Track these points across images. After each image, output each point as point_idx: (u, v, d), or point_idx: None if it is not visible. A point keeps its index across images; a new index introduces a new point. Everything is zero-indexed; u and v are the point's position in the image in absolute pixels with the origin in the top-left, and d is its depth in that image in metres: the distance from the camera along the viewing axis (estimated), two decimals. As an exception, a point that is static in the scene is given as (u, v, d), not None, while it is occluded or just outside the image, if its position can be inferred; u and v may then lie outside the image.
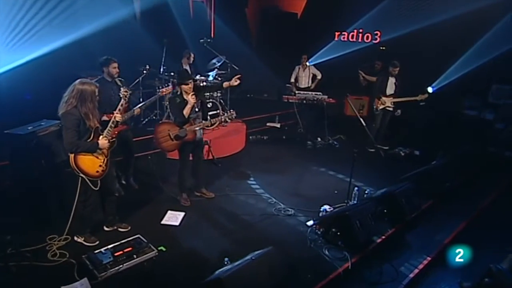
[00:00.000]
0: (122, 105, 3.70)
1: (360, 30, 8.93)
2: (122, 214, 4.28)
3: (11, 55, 5.95)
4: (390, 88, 7.01)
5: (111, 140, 3.60)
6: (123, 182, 5.09)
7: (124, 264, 3.40)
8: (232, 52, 9.25)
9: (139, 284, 3.27)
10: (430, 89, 8.04)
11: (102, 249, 3.57)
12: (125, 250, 3.55)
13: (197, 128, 4.49)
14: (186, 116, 4.30)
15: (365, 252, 3.95)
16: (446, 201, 5.30)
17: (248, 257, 3.12)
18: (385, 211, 4.54)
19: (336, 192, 5.26)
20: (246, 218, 4.52)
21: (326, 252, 3.85)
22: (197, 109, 4.51)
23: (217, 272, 2.97)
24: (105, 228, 4.01)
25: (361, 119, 6.41)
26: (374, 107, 6.98)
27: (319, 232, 4.14)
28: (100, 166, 3.52)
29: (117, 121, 3.62)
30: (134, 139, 5.20)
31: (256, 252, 3.13)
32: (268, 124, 8.30)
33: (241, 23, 10.05)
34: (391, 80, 6.96)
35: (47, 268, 3.38)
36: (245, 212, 4.65)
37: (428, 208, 5.07)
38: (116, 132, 4.50)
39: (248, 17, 10.13)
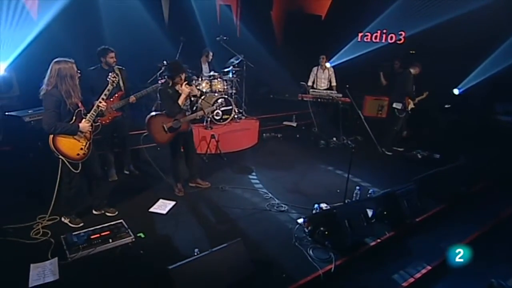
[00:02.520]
0: (108, 90, 3.52)
1: (384, 31, 8.22)
2: (115, 200, 4.13)
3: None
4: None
5: (94, 125, 3.43)
6: (126, 172, 4.96)
7: (97, 248, 3.19)
8: (257, 54, 9.00)
9: (104, 267, 3.03)
10: (456, 91, 7.20)
11: (82, 231, 3.41)
12: (102, 234, 3.35)
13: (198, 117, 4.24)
14: (182, 106, 4.06)
15: (354, 255, 3.42)
16: (460, 207, 4.57)
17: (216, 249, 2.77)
18: (385, 212, 3.96)
19: (338, 191, 4.71)
20: (235, 211, 4.15)
21: (310, 252, 3.38)
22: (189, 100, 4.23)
23: (179, 263, 2.65)
24: (94, 212, 3.85)
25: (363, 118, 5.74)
26: (407, 108, 6.28)
27: (306, 231, 3.67)
28: (81, 149, 3.34)
29: (100, 107, 3.42)
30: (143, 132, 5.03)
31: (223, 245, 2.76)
32: (284, 123, 7.87)
33: (266, 25, 9.73)
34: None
35: (25, 245, 3.25)
36: (237, 205, 4.29)
37: (438, 213, 4.39)
38: (110, 118, 4.43)
39: (273, 19, 9.79)
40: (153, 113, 4.23)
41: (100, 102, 3.44)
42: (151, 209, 4.05)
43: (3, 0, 5.37)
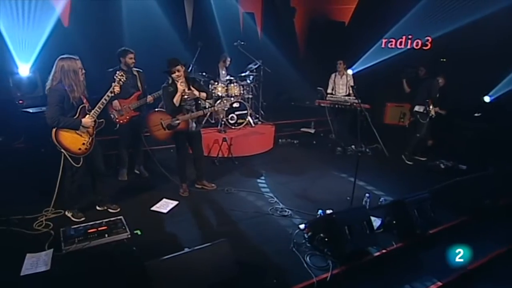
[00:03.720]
0: (114, 87, 3.56)
1: (410, 36, 7.85)
2: (120, 197, 4.18)
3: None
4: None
5: (98, 121, 3.49)
6: (136, 171, 5.02)
7: (92, 242, 3.21)
8: (279, 61, 8.96)
9: (95, 261, 3.01)
10: (487, 99, 6.69)
11: (82, 225, 3.45)
12: (99, 229, 3.37)
13: (191, 119, 4.16)
14: (177, 104, 4.00)
15: (354, 265, 3.18)
16: (484, 221, 4.15)
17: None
18: (394, 222, 3.68)
19: (348, 198, 4.45)
20: (237, 213, 4.04)
21: (307, 259, 3.18)
22: (187, 98, 4.13)
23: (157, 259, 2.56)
24: (97, 208, 3.89)
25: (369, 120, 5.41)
26: (430, 114, 5.94)
27: (306, 236, 3.48)
28: (84, 144, 3.40)
29: (105, 102, 3.48)
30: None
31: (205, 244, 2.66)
32: (302, 129, 7.70)
33: (289, 33, 9.65)
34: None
35: (26, 235, 3.34)
36: (239, 208, 4.17)
37: (456, 226, 4.01)
38: (127, 117, 4.52)
39: (296, 27, 9.70)
40: (156, 110, 4.25)
41: (108, 96, 3.49)
42: (153, 208, 4.03)
43: (33, 7, 5.70)
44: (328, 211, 3.85)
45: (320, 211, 3.85)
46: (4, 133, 4.99)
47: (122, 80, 3.63)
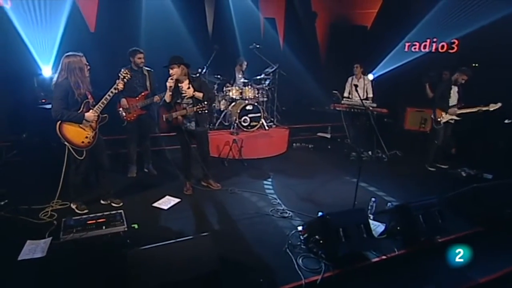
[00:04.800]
0: (118, 84, 3.67)
1: (434, 39, 7.50)
2: (125, 192, 4.30)
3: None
4: (454, 98, 5.66)
5: (101, 116, 3.61)
6: (145, 170, 5.13)
7: (89, 232, 3.27)
8: (300, 66, 8.91)
9: (89, 251, 3.07)
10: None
11: (83, 217, 3.55)
12: (98, 221, 3.44)
13: (179, 116, 4.15)
14: (168, 101, 4.05)
15: (349, 269, 3.02)
16: (502, 233, 3.81)
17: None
18: (398, 228, 3.47)
19: (356, 203, 4.30)
20: (236, 213, 3.99)
21: (300, 260, 3.06)
22: (185, 96, 4.10)
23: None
24: (101, 201, 4.00)
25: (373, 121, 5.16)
26: (438, 119, 5.64)
27: (302, 238, 3.36)
28: (86, 137, 3.53)
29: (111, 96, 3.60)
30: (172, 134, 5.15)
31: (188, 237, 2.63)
32: (318, 134, 7.55)
33: (310, 38, 9.57)
34: (454, 89, 5.63)
35: (31, 224, 3.50)
36: (240, 207, 4.13)
37: (470, 236, 3.71)
38: (135, 115, 4.65)
39: (317, 32, 9.61)
40: None
41: (112, 92, 3.61)
42: (155, 204, 4.08)
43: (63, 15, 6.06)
44: (330, 214, 3.72)
45: (320, 213, 3.70)
46: (28, 130, 5.31)
47: (126, 77, 3.75)
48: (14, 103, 5.29)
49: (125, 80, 3.75)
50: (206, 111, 4.05)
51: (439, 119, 5.63)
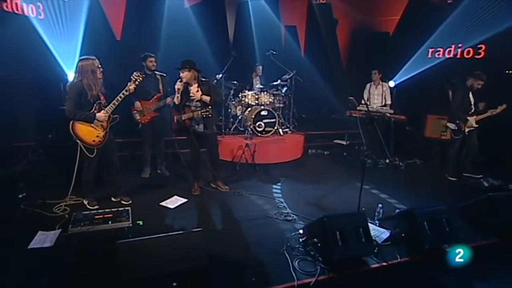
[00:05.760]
0: (129, 86, 3.85)
1: (460, 45, 7.22)
2: (136, 191, 4.48)
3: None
4: (472, 105, 5.46)
5: (112, 116, 3.80)
6: (158, 171, 5.30)
7: (96, 226, 3.41)
8: (321, 73, 8.89)
9: (93, 244, 3.21)
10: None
11: (92, 212, 3.72)
12: (105, 216, 3.58)
13: (187, 118, 4.28)
14: (176, 102, 4.18)
15: (346, 274, 2.95)
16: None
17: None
18: (403, 235, 3.35)
19: (363, 209, 4.19)
20: (240, 214, 4.03)
21: (296, 263, 3.03)
22: (194, 99, 4.26)
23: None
24: (112, 199, 4.19)
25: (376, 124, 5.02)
26: (462, 129, 5.41)
27: (301, 241, 3.33)
28: (97, 136, 3.73)
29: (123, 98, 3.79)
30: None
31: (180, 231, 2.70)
32: (335, 141, 7.45)
33: (331, 45, 9.50)
34: (470, 95, 5.46)
35: (44, 216, 3.73)
36: (244, 209, 4.17)
37: (484, 247, 3.50)
38: (148, 117, 4.85)
39: (338, 39, 9.54)
40: None
41: (124, 94, 3.80)
42: (162, 203, 4.21)
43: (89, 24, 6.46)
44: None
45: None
46: (54, 131, 5.66)
47: (138, 80, 3.93)
48: (42, 106, 5.66)
49: (136, 82, 3.93)
50: (210, 115, 4.14)
51: (463, 129, 5.41)
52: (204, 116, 4.14)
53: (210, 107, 4.12)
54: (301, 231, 3.54)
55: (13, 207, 3.81)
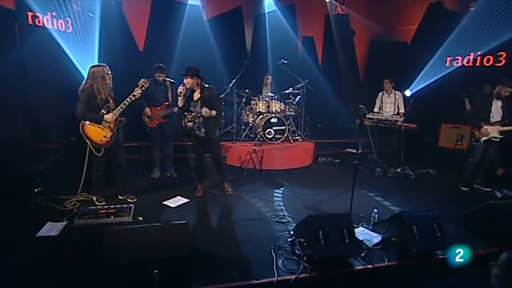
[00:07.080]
0: (136, 91, 4.14)
1: (479, 52, 7.01)
2: (142, 190, 4.74)
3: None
4: (497, 114, 5.21)
5: (120, 118, 4.10)
6: (168, 174, 5.55)
7: (98, 220, 3.69)
8: (339, 83, 8.93)
9: (94, 235, 3.45)
10: None
11: (98, 207, 4.01)
12: (109, 211, 3.86)
13: (194, 124, 4.48)
14: (180, 105, 4.39)
15: (328, 273, 2.98)
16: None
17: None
18: (394, 239, 3.32)
19: (362, 214, 4.20)
20: (237, 215, 4.17)
21: (280, 261, 3.10)
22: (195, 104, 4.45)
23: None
24: (119, 197, 4.46)
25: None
26: (477, 137, 5.26)
27: (288, 240, 3.39)
28: (105, 137, 4.03)
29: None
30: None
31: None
32: (347, 149, 7.37)
33: (349, 55, 9.52)
34: (497, 104, 5.19)
35: (56, 209, 4.04)
36: (242, 210, 4.30)
37: (483, 256, 3.37)
38: (156, 122, 5.14)
39: (356, 49, 9.54)
40: None
41: (130, 99, 4.09)
42: (164, 202, 4.42)
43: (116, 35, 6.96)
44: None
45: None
46: (75, 134, 6.11)
47: (144, 86, 4.20)
48: (65, 111, 6.14)
49: (143, 88, 4.20)
50: (199, 115, 4.37)
51: (478, 137, 5.24)
52: (201, 120, 4.36)
53: (201, 111, 4.33)
54: (292, 232, 3.62)
55: (29, 200, 4.17)
